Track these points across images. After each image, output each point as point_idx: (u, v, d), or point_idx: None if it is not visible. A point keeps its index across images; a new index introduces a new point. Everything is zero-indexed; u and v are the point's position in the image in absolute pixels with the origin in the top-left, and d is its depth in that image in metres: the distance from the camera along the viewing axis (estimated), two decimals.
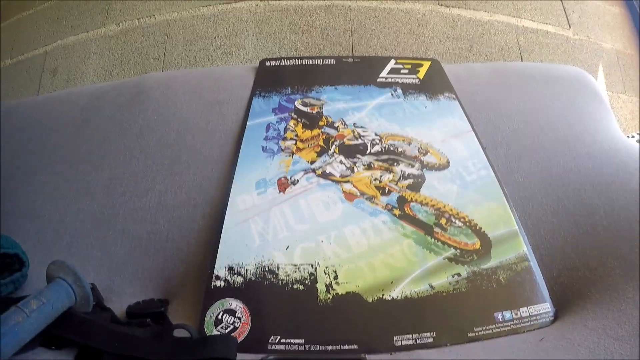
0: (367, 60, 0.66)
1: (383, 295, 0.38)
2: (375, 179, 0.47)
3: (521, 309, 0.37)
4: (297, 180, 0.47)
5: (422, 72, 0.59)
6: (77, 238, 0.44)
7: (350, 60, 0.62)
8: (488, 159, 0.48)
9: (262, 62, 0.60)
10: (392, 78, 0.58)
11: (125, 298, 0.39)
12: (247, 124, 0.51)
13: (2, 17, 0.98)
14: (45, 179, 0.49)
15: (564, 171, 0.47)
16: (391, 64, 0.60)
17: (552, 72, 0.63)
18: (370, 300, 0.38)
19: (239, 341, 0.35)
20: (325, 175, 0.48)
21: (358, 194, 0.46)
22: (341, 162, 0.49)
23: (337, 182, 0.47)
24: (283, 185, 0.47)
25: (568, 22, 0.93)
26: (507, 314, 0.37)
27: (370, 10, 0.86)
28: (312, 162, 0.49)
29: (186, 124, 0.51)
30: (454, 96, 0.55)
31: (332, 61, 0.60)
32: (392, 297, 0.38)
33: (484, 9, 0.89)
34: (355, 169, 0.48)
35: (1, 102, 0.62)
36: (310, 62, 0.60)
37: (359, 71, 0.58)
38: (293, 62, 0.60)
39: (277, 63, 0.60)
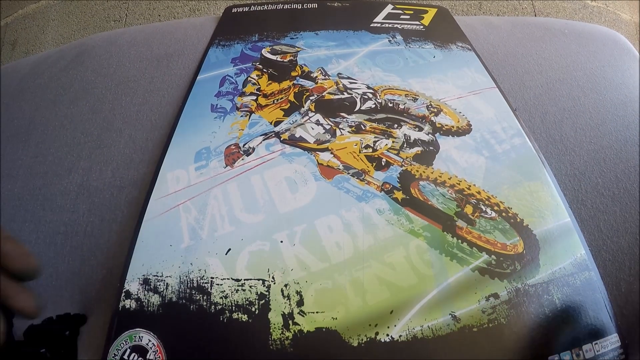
0: (357, 4, 0.54)
1: (377, 334, 0.25)
2: (367, 146, 0.33)
3: (584, 347, 0.25)
4: (253, 149, 0.34)
5: (428, 19, 0.49)
6: None
7: (337, 4, 0.50)
8: (521, 124, 0.36)
9: (228, 9, 0.50)
10: (389, 23, 0.48)
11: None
12: (197, 78, 0.41)
13: None
14: None
15: (619, 142, 0.38)
16: (388, 9, 0.50)
17: (584, 30, 0.54)
18: (356, 343, 0.25)
19: None
20: (294, 141, 0.34)
21: (340, 167, 0.33)
22: (318, 122, 0.35)
23: (310, 150, 0.34)
24: (232, 155, 0.33)
25: None
26: (566, 358, 0.25)
27: None
28: (277, 124, 0.36)
29: (125, 84, 0.44)
30: (469, 47, 0.44)
31: (315, 5, 0.50)
32: (392, 338, 0.25)
33: None
34: (338, 132, 0.34)
35: None
36: (287, 6, 0.50)
37: (348, 16, 0.48)
38: (266, 7, 0.50)
39: (247, 9, 0.50)
